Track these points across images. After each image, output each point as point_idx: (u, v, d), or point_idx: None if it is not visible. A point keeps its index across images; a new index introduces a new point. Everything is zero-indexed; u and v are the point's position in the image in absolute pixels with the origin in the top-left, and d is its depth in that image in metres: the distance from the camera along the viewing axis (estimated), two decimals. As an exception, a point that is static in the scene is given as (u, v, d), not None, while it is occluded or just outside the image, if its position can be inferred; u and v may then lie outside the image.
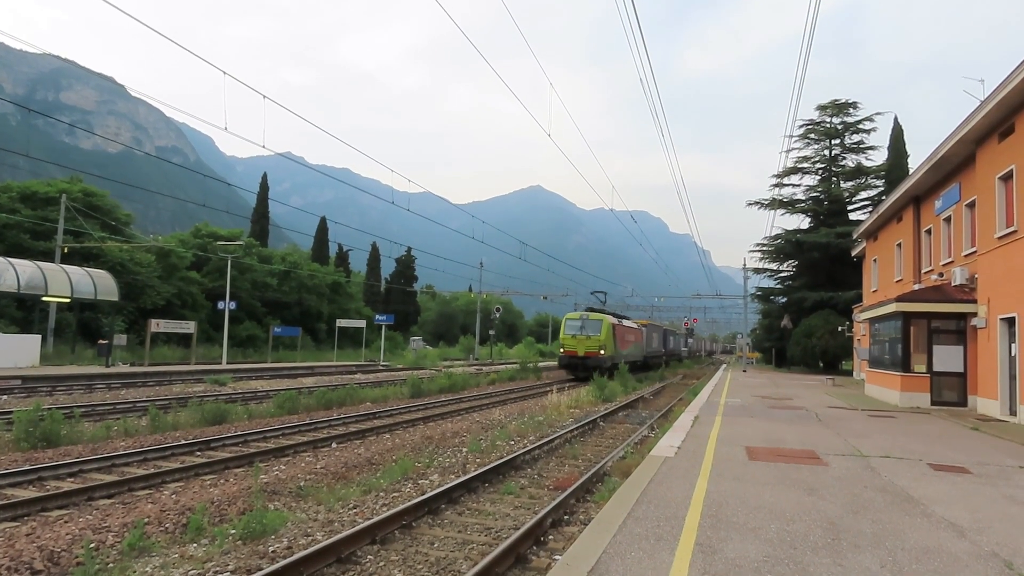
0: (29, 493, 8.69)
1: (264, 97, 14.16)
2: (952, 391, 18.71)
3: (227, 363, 37.26)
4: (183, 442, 12.27)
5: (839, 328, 40.11)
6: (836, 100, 47.66)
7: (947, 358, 18.79)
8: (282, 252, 66.25)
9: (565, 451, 13.08)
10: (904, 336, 19.34)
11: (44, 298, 30.37)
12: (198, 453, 11.91)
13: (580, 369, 34.30)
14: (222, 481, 9.65)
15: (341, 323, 51.96)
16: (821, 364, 42.97)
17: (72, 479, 9.69)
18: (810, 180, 49.86)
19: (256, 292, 54.57)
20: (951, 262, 20.40)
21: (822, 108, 48.23)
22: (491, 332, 69.51)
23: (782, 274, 52.79)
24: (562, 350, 35.00)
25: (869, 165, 46.80)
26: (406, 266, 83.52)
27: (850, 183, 48.22)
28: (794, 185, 50.35)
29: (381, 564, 6.39)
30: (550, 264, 46.34)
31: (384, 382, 27.39)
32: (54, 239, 38.43)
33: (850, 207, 48.08)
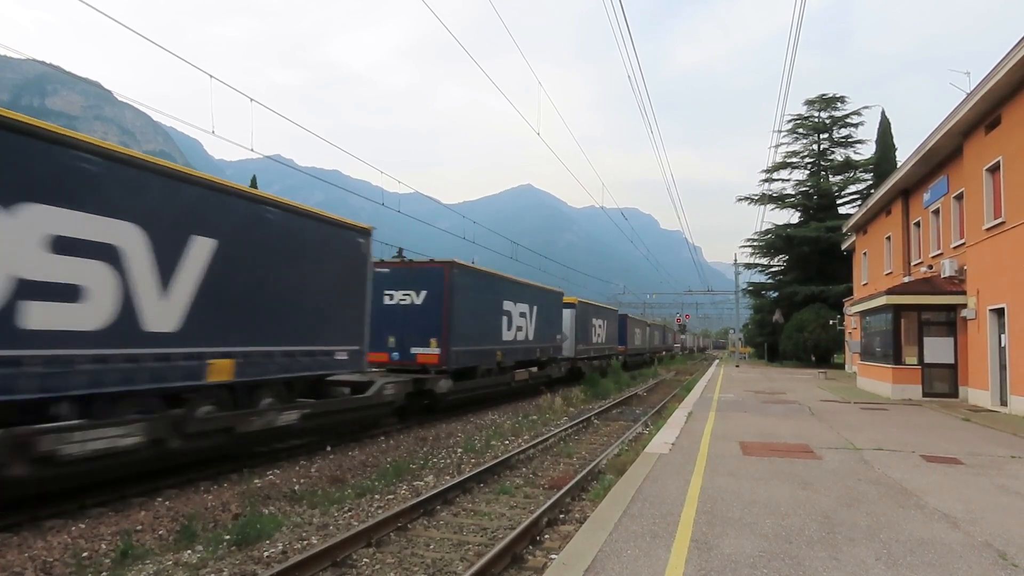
0: (19, 502, 8.58)
1: (251, 100, 14.06)
2: (943, 382, 18.83)
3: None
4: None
5: (830, 322, 40.33)
6: (824, 94, 47.91)
7: (938, 350, 18.92)
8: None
9: (560, 449, 13.08)
10: (895, 328, 19.45)
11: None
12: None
13: None
14: (216, 486, 9.59)
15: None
16: (813, 358, 43.17)
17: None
18: (799, 175, 50.18)
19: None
20: (940, 254, 20.53)
21: (810, 103, 48.47)
22: None
23: (773, 269, 53.03)
24: None
25: (857, 159, 47.07)
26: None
27: (839, 177, 48.50)
28: (783, 180, 50.67)
29: (377, 567, 6.36)
30: (542, 263, 46.27)
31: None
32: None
33: (839, 201, 48.33)
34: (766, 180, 50.79)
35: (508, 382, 21.41)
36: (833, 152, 48.87)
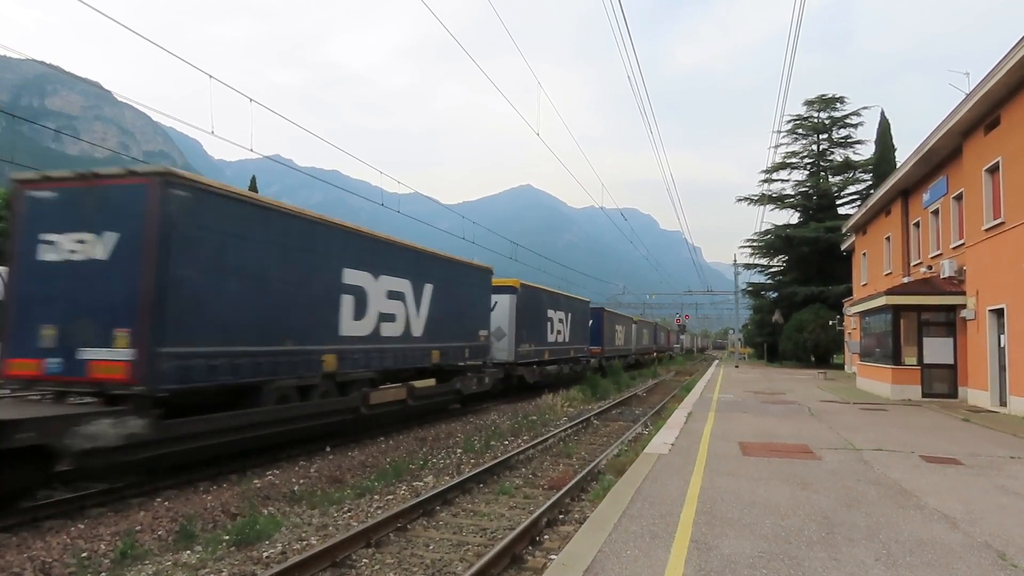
0: (19, 503, 8.58)
1: (251, 100, 14.06)
2: (943, 383, 18.83)
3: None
4: (175, 448, 12.12)
5: (830, 322, 40.34)
6: (823, 95, 47.96)
7: (937, 350, 18.92)
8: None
9: (559, 450, 13.08)
10: (894, 329, 19.46)
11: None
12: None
13: None
14: (215, 487, 9.58)
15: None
16: (812, 358, 43.20)
17: (62, 487, 9.58)
18: (799, 175, 50.28)
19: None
20: (940, 255, 20.53)
21: (809, 103, 48.52)
22: None
23: (772, 269, 53.08)
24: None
25: (857, 159, 47.13)
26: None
27: (838, 177, 48.56)
28: (783, 180, 50.76)
29: (376, 568, 6.36)
30: (542, 264, 46.28)
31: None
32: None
33: (839, 201, 48.39)
34: (766, 180, 50.91)
35: (355, 407, 13.21)
36: (832, 152, 48.94)
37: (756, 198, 49.99)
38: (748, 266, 52.97)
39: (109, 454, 8.41)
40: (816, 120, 48.57)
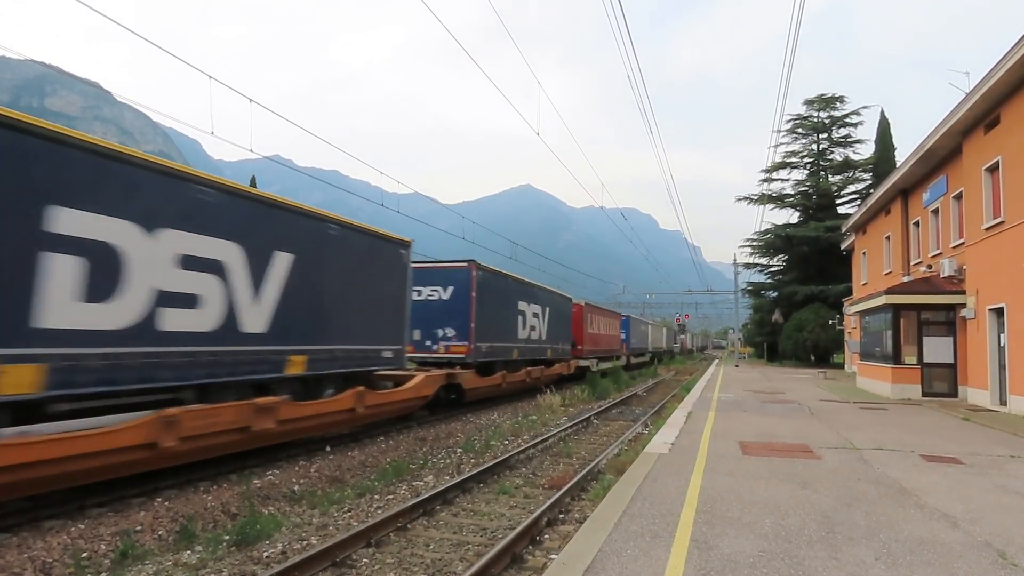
0: (19, 503, 8.58)
1: (251, 101, 14.06)
2: (943, 382, 18.83)
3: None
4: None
5: (830, 321, 40.38)
6: (823, 94, 47.98)
7: (937, 349, 18.93)
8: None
9: (559, 449, 13.08)
10: (894, 328, 19.46)
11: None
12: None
13: None
14: (215, 487, 9.58)
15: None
16: (812, 358, 43.21)
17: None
18: (799, 175, 50.32)
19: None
20: (939, 254, 20.54)
21: (809, 103, 48.54)
22: None
23: (772, 268, 53.11)
24: None
25: (857, 159, 47.15)
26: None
27: (838, 177, 48.58)
28: (783, 180, 50.77)
29: (376, 567, 6.36)
30: (541, 263, 46.25)
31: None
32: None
33: (839, 201, 48.41)
34: (765, 180, 50.96)
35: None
36: (832, 152, 48.97)
37: (756, 197, 50.07)
38: (748, 265, 53.03)
39: None
40: (816, 119, 48.61)
